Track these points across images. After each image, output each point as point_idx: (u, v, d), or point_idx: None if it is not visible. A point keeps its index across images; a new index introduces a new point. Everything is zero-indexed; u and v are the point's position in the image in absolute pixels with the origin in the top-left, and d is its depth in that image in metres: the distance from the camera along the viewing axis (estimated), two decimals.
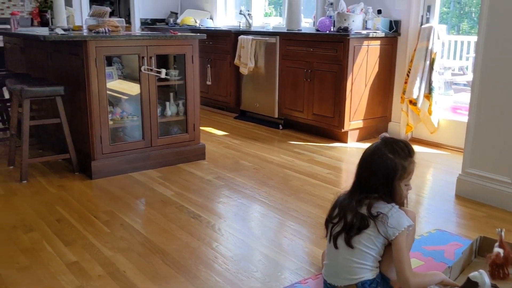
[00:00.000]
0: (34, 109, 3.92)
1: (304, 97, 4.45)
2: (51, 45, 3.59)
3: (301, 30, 4.67)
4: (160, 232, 2.45)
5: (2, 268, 2.08)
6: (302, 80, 4.43)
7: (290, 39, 4.52)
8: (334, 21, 4.33)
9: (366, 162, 1.78)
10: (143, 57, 3.32)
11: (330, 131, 4.38)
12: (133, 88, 3.51)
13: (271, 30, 5.02)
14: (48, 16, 4.03)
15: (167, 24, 6.61)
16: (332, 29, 4.35)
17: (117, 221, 2.57)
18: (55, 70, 3.62)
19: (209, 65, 5.48)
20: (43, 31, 3.54)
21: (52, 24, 3.80)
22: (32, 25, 6.13)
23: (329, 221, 1.84)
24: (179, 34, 3.49)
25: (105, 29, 3.50)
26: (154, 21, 6.69)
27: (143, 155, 3.43)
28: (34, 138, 3.92)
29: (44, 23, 4.02)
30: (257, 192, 3.05)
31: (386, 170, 1.72)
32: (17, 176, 3.27)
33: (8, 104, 4.18)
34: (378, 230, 1.70)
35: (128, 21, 8.12)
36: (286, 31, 4.66)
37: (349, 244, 1.72)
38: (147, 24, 6.62)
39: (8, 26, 5.60)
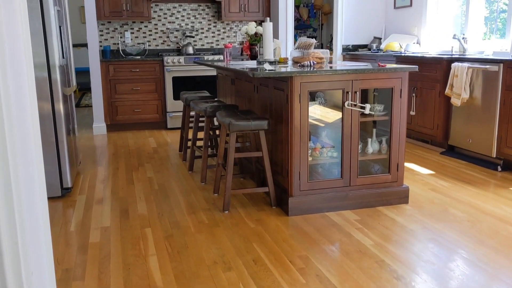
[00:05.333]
0: (238, 136, 4.09)
1: None
2: (258, 79, 3.69)
3: None
4: None
5: None
6: None
7: None
8: None
9: None
10: (347, 92, 3.15)
11: None
12: (332, 121, 3.37)
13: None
14: (257, 49, 4.18)
15: (369, 50, 6.38)
16: None
17: (313, 271, 2.41)
18: (260, 102, 3.71)
19: (414, 94, 5.06)
20: (251, 65, 3.66)
21: (260, 56, 3.92)
22: (241, 54, 6.57)
23: None
24: (388, 66, 3.23)
25: (310, 62, 3.44)
26: (356, 47, 6.53)
27: (340, 195, 3.24)
28: (236, 167, 4.09)
29: (253, 56, 4.18)
30: (474, 253, 2.57)
31: None
32: (220, 205, 3.40)
33: (217, 131, 4.46)
34: None
35: (330, 47, 8.16)
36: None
37: None
38: (348, 50, 6.49)
39: (221, 57, 6.10)
